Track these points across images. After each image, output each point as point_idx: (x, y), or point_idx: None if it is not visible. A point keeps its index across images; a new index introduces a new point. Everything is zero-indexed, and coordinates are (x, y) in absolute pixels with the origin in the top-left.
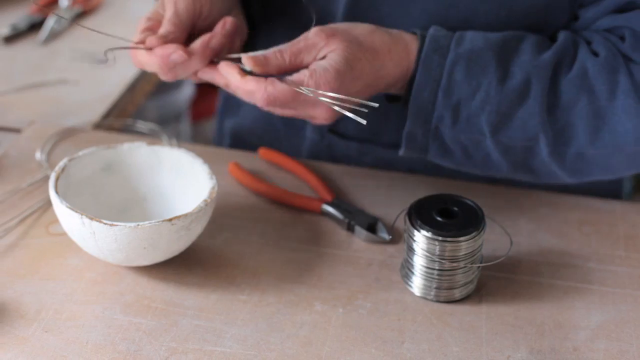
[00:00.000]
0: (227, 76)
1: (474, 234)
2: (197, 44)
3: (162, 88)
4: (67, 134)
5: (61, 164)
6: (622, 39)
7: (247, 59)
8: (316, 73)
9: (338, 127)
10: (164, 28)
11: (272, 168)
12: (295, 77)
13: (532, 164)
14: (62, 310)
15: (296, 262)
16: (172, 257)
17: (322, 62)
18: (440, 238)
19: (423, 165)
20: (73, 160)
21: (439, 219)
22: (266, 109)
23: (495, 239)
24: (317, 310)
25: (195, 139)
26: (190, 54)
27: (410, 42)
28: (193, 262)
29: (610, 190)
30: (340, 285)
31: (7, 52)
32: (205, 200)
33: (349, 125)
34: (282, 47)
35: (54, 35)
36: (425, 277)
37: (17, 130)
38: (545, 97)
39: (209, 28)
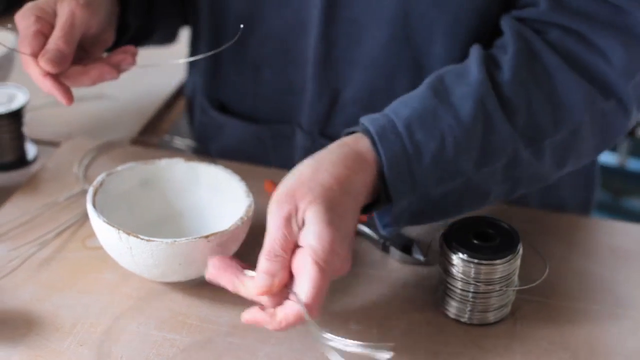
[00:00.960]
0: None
1: (509, 257)
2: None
3: None
4: (104, 149)
5: (99, 178)
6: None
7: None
8: (313, 250)
9: (330, 129)
10: (57, 45)
11: None
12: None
13: (515, 174)
14: (97, 324)
15: (331, 281)
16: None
17: (309, 235)
18: (475, 261)
19: None
20: (111, 175)
21: (474, 241)
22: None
23: (530, 262)
24: (351, 329)
25: None
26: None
27: (361, 145)
28: None
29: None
30: (375, 306)
31: None
32: (241, 218)
33: (340, 127)
34: (264, 256)
35: None
36: (459, 299)
37: (55, 144)
38: (500, 109)
39: (90, 39)
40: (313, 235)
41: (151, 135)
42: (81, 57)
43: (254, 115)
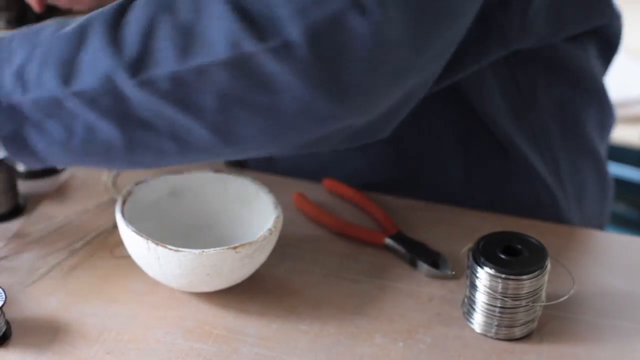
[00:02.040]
0: None
1: (537, 272)
2: None
3: None
4: None
5: (128, 187)
6: None
7: None
8: None
9: None
10: None
11: (336, 199)
12: None
13: (132, 112)
14: (124, 333)
15: (357, 294)
16: (234, 285)
17: None
18: (503, 276)
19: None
20: (140, 185)
21: (502, 256)
22: None
23: (558, 278)
24: (377, 342)
25: None
26: None
27: None
28: (255, 290)
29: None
30: (401, 319)
31: None
32: (270, 229)
33: None
34: None
35: None
36: (486, 314)
37: None
38: (110, 30)
39: None
40: None
41: None
42: None
43: None
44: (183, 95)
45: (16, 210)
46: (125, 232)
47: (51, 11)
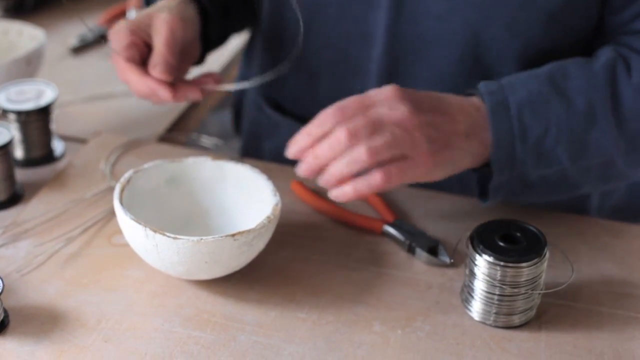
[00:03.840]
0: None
1: (535, 260)
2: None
3: (225, 103)
4: (131, 146)
5: (126, 175)
6: None
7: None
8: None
9: None
10: (164, 57)
11: None
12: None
13: (607, 174)
14: (122, 321)
15: (356, 282)
16: (232, 272)
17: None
18: (502, 263)
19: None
20: (138, 173)
21: (501, 244)
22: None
23: (556, 265)
24: (375, 330)
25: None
26: (175, 96)
27: (476, 101)
28: (253, 278)
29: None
30: (400, 307)
31: (75, 62)
32: (268, 217)
33: None
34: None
35: None
36: (485, 302)
37: (82, 141)
38: (611, 110)
39: (182, 52)
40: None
41: (178, 133)
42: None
43: (308, 117)
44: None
45: (14, 198)
46: (124, 219)
47: None
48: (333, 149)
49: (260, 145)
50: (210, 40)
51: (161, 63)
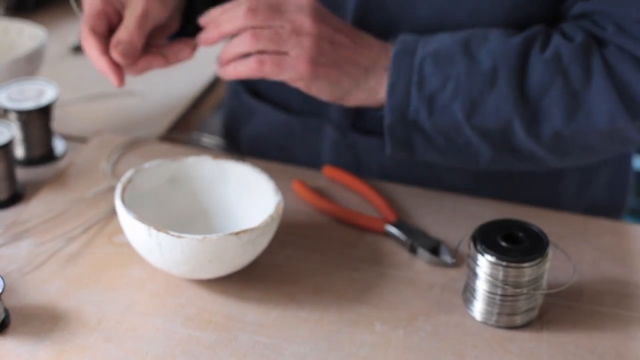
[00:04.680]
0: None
1: (537, 260)
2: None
3: None
4: (132, 145)
5: (128, 174)
6: (597, 24)
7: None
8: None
9: (361, 123)
10: (130, 37)
11: (337, 186)
12: None
13: (512, 145)
14: (123, 321)
15: (357, 282)
16: (234, 272)
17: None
18: (504, 263)
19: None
20: (139, 172)
21: (503, 244)
22: (249, 22)
23: (558, 266)
24: (377, 330)
25: None
26: (138, 70)
27: (389, 46)
28: (254, 278)
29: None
30: (401, 307)
31: (75, 61)
32: (271, 216)
33: (373, 121)
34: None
35: None
36: (487, 302)
37: (83, 140)
38: (515, 80)
39: (155, 30)
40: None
41: (179, 132)
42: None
43: (285, 104)
44: (557, 145)
45: (15, 197)
46: (126, 218)
47: None
48: (230, 21)
49: (239, 131)
50: (197, 13)
51: (124, 43)
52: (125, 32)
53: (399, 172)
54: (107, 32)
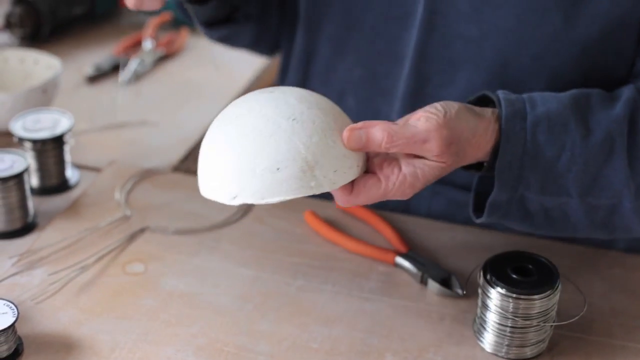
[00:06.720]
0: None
1: (548, 292)
2: None
3: None
4: (146, 175)
5: None
6: None
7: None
8: (406, 178)
9: None
10: None
11: (347, 217)
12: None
13: (612, 221)
14: (135, 350)
15: (368, 313)
16: (244, 303)
17: (417, 169)
18: (514, 295)
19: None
20: None
21: (513, 276)
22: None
23: (568, 298)
24: None
25: None
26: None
27: (492, 119)
28: (266, 308)
29: None
30: (412, 338)
31: (90, 91)
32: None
33: None
34: (395, 129)
35: (136, 77)
36: (497, 333)
37: (97, 170)
38: (627, 151)
39: None
40: (416, 171)
41: (193, 162)
42: None
43: None
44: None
45: (28, 226)
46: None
47: (88, 18)
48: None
49: None
50: None
51: None
52: None
53: (410, 204)
54: None
